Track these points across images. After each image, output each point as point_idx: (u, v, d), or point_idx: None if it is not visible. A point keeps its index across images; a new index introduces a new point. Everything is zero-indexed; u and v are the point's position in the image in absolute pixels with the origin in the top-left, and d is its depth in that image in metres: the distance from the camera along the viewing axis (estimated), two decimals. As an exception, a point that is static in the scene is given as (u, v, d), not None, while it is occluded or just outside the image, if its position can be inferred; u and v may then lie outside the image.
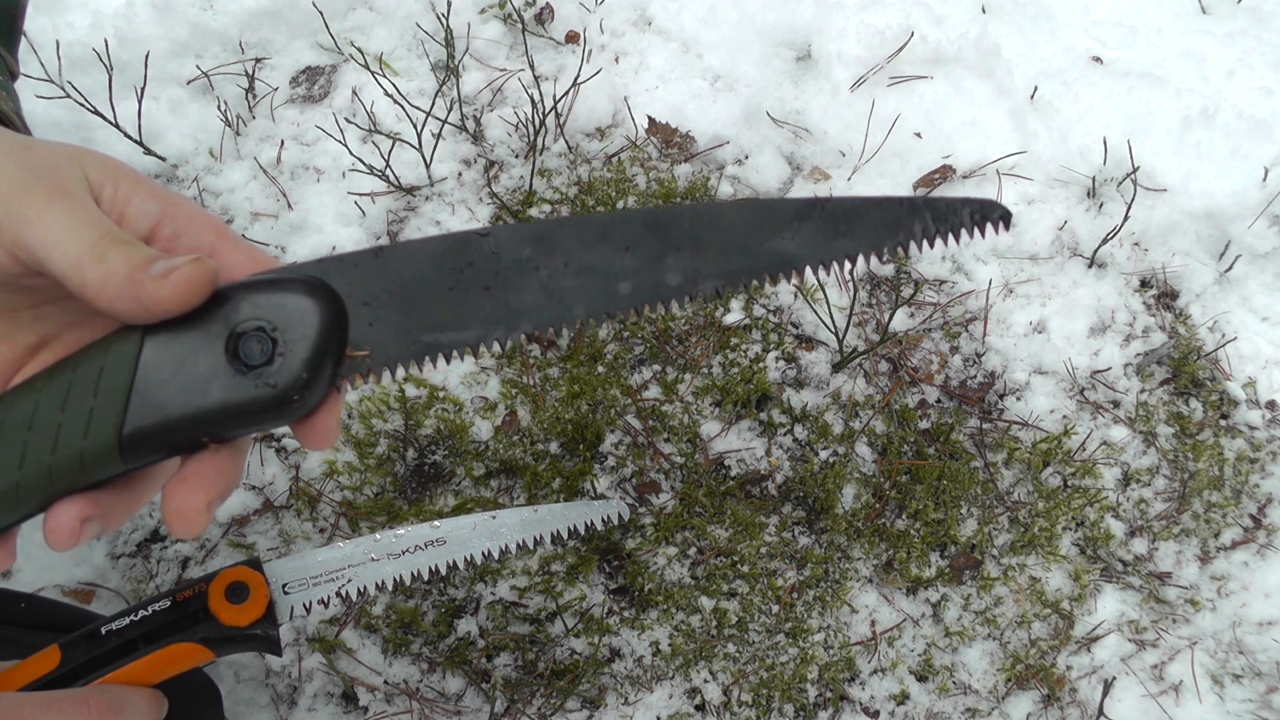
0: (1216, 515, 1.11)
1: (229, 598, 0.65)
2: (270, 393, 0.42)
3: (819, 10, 1.30)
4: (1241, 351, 1.17)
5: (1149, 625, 1.06)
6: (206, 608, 0.64)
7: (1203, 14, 1.35)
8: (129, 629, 0.63)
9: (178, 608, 0.64)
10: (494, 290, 0.46)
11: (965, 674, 1.04)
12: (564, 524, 0.75)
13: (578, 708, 1.00)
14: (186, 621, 0.64)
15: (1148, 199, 1.20)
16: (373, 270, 0.45)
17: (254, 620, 0.65)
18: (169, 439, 0.43)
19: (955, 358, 1.15)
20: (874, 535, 1.07)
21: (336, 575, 0.70)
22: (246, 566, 0.67)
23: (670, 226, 0.47)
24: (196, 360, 0.42)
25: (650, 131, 1.24)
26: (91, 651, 0.61)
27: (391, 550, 0.72)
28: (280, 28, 1.29)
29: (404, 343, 0.46)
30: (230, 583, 0.65)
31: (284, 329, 0.42)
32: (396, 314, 0.45)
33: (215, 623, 0.64)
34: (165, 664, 0.63)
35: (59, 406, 0.43)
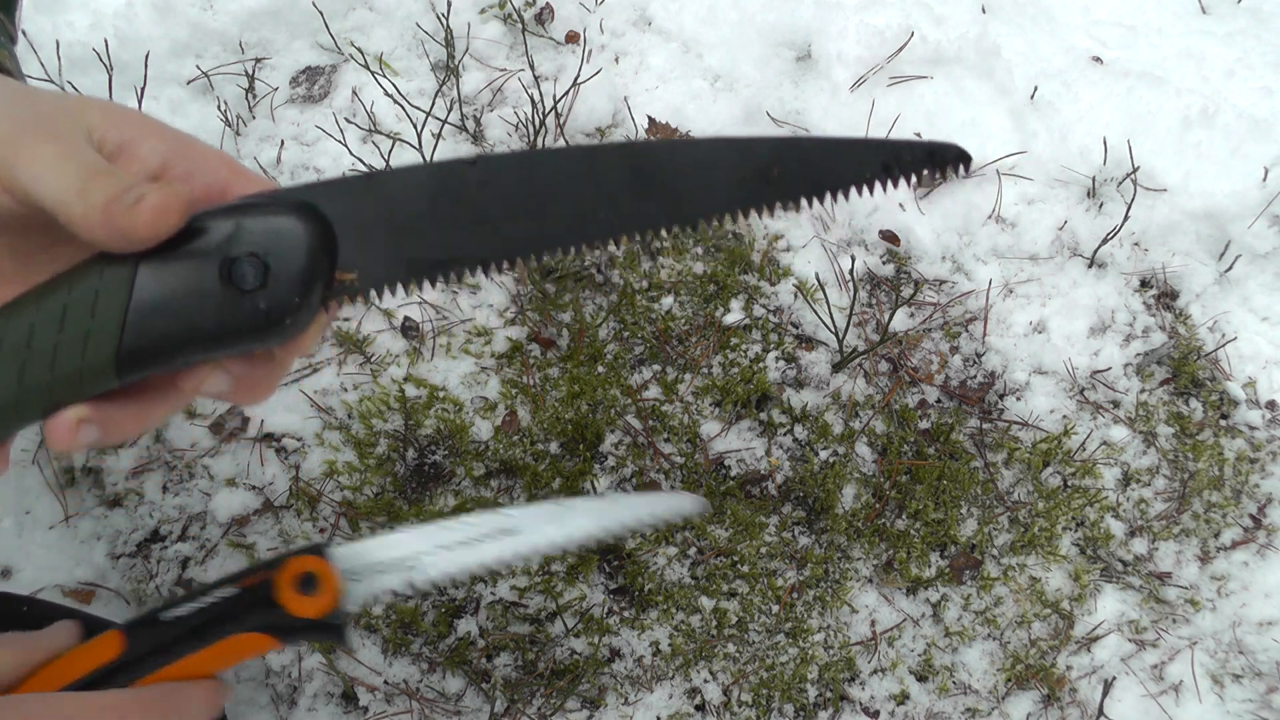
0: (1216, 515, 1.11)
1: (299, 588, 0.61)
2: (262, 315, 0.44)
3: (819, 10, 1.30)
4: (1241, 351, 1.17)
5: (1149, 625, 1.06)
6: (274, 597, 0.61)
7: (1203, 14, 1.35)
8: (193, 616, 0.60)
9: (244, 595, 0.61)
10: (480, 217, 0.47)
11: (965, 674, 1.04)
12: (638, 516, 0.69)
13: (578, 708, 1.00)
14: (253, 610, 0.61)
15: (1148, 199, 1.20)
16: (362, 196, 0.46)
17: (324, 612, 0.61)
18: (163, 358, 0.44)
19: (955, 358, 1.15)
20: (874, 535, 1.07)
21: (404, 564, 0.65)
22: (314, 555, 0.63)
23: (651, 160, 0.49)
24: (190, 284, 0.44)
25: (650, 131, 1.24)
26: (154, 640, 0.59)
27: (461, 539, 0.67)
28: (280, 28, 1.29)
29: (392, 266, 0.47)
30: (300, 572, 0.61)
31: (275, 254, 0.44)
32: (385, 238, 0.46)
33: (283, 613, 0.61)
34: (230, 653, 0.61)
35: (57, 327, 0.44)
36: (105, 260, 0.44)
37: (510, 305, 1.13)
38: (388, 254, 0.47)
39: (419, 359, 1.11)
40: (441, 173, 0.47)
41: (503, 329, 1.12)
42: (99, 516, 1.04)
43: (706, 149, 0.50)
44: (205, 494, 1.05)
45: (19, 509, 1.03)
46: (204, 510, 1.05)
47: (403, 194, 0.47)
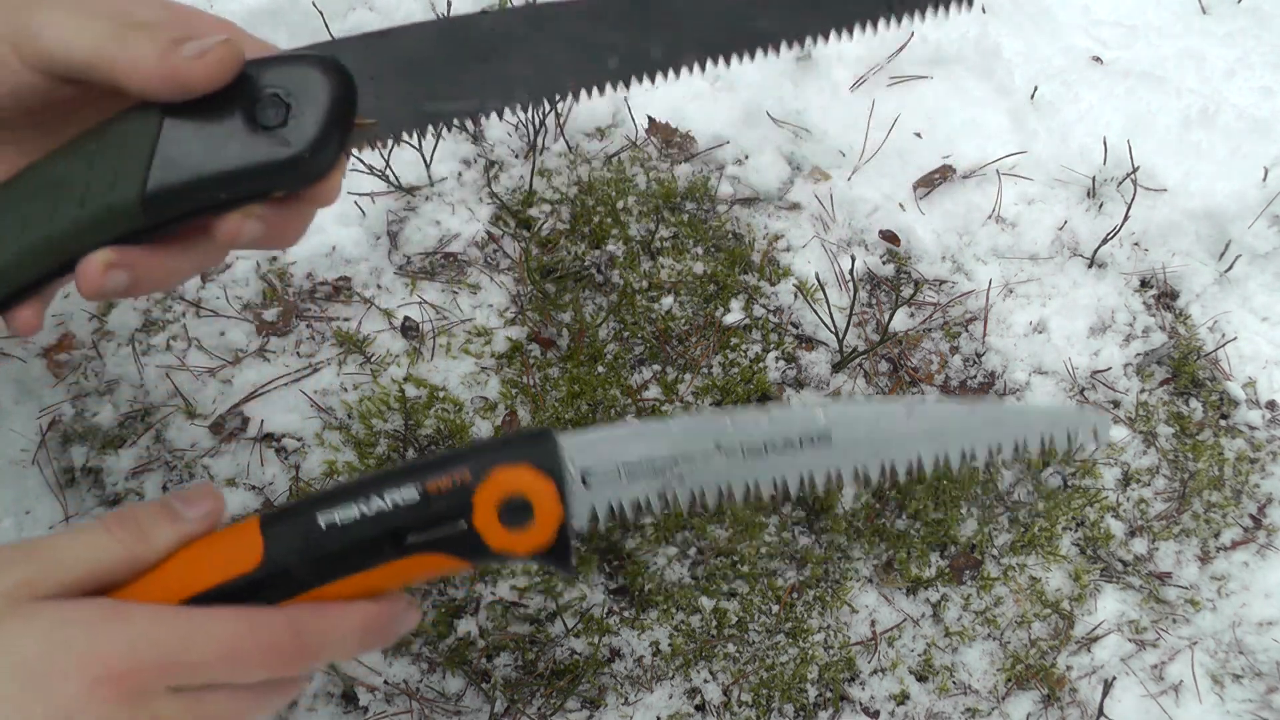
0: (1216, 515, 1.11)
1: (504, 519, 0.48)
2: (286, 151, 0.46)
3: (819, 10, 1.30)
4: (1241, 351, 1.17)
5: (1149, 625, 1.06)
6: (470, 519, 0.49)
7: (1203, 14, 1.35)
8: (360, 527, 0.48)
9: (429, 505, 0.49)
10: (491, 63, 0.49)
11: (965, 674, 1.04)
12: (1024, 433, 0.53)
13: (578, 708, 1.01)
14: (438, 525, 0.49)
15: (1148, 199, 1.20)
16: (378, 48, 0.49)
17: (536, 549, 0.49)
18: (190, 196, 0.46)
19: (955, 358, 1.15)
20: (874, 535, 1.07)
21: (664, 468, 0.50)
22: (532, 465, 0.48)
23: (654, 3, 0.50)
24: (216, 124, 0.45)
25: (650, 131, 1.24)
26: (304, 553, 0.48)
27: (749, 442, 0.51)
28: (280, 28, 1.29)
29: (408, 111, 0.49)
30: (508, 496, 0.48)
31: (297, 95, 0.46)
32: (401, 86, 0.49)
33: (480, 542, 0.49)
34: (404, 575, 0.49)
35: (86, 167, 0.45)
36: (132, 110, 0.46)
37: (510, 305, 1.13)
38: (404, 102, 0.49)
39: (419, 359, 1.11)
40: (453, 24, 0.49)
41: (503, 329, 1.12)
42: (99, 517, 1.04)
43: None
44: (205, 494, 1.05)
45: (19, 509, 1.03)
46: (204, 510, 1.04)
47: (417, 46, 0.49)
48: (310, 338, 1.11)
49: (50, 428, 1.05)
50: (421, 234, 1.16)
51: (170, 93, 0.45)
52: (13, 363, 1.07)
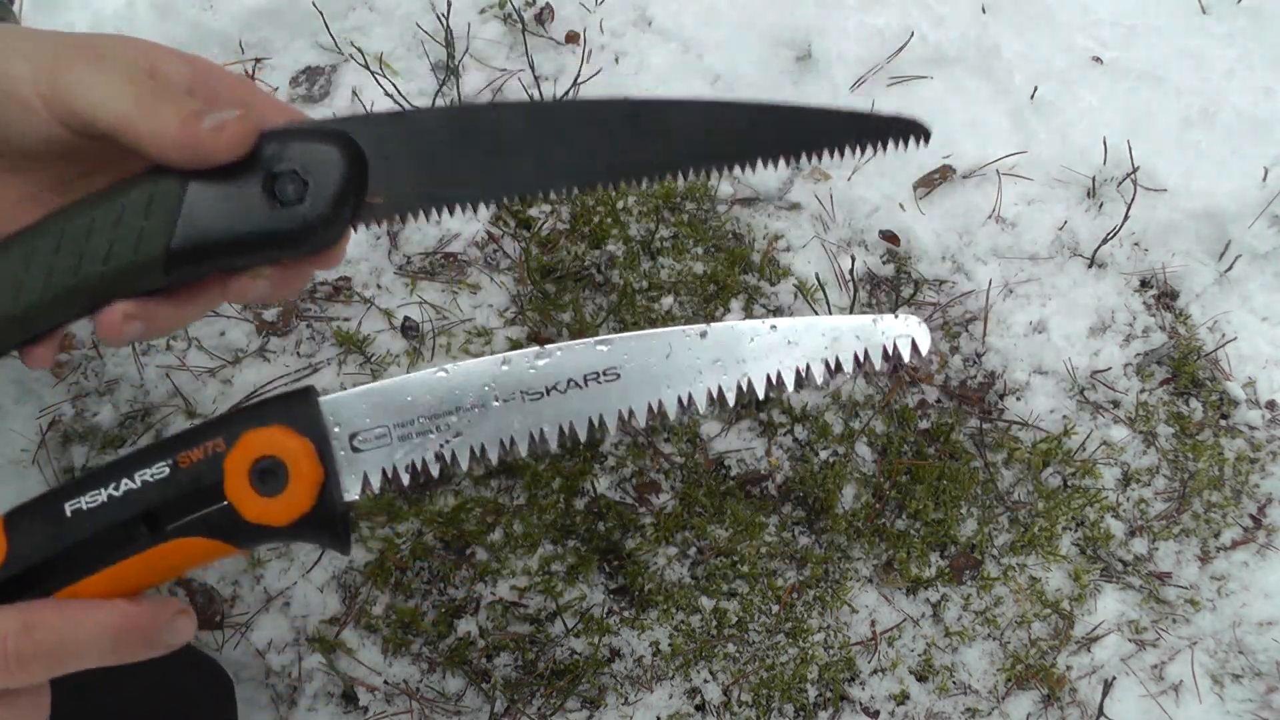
0: (1216, 515, 1.11)
1: (256, 482, 0.44)
2: (300, 226, 0.48)
3: (819, 10, 1.30)
4: (1241, 351, 1.17)
5: (1149, 625, 1.06)
6: (222, 489, 0.44)
7: (1203, 14, 1.35)
8: (107, 510, 0.44)
9: (180, 477, 0.45)
10: (493, 154, 0.52)
11: (965, 674, 1.04)
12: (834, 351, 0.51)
13: (578, 708, 1.01)
14: (193, 502, 0.45)
15: (1148, 199, 1.20)
16: (392, 130, 0.51)
17: (295, 519, 0.45)
18: (209, 259, 0.49)
19: (955, 358, 1.15)
20: (874, 535, 1.07)
21: (437, 423, 0.46)
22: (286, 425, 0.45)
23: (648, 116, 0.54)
24: (237, 195, 0.48)
25: (650, 131, 1.24)
26: (54, 545, 0.44)
27: (528, 386, 0.46)
28: (280, 28, 1.29)
29: (415, 193, 0.52)
30: (259, 458, 0.44)
31: (314, 173, 0.48)
32: (410, 168, 0.51)
33: (235, 515, 0.44)
34: (165, 565, 0.44)
35: (113, 224, 0.48)
36: (159, 170, 0.48)
37: (510, 305, 1.13)
38: (411, 182, 0.51)
39: (419, 359, 1.11)
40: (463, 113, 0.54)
41: (503, 329, 1.12)
42: None
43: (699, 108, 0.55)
44: (205, 494, 1.05)
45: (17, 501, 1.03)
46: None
47: (427, 130, 0.52)
48: (310, 338, 1.11)
49: (50, 428, 1.05)
50: (421, 234, 1.16)
51: (188, 162, 0.47)
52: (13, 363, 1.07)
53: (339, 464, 0.47)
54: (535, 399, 0.47)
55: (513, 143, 0.52)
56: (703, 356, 0.49)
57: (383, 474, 0.47)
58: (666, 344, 0.49)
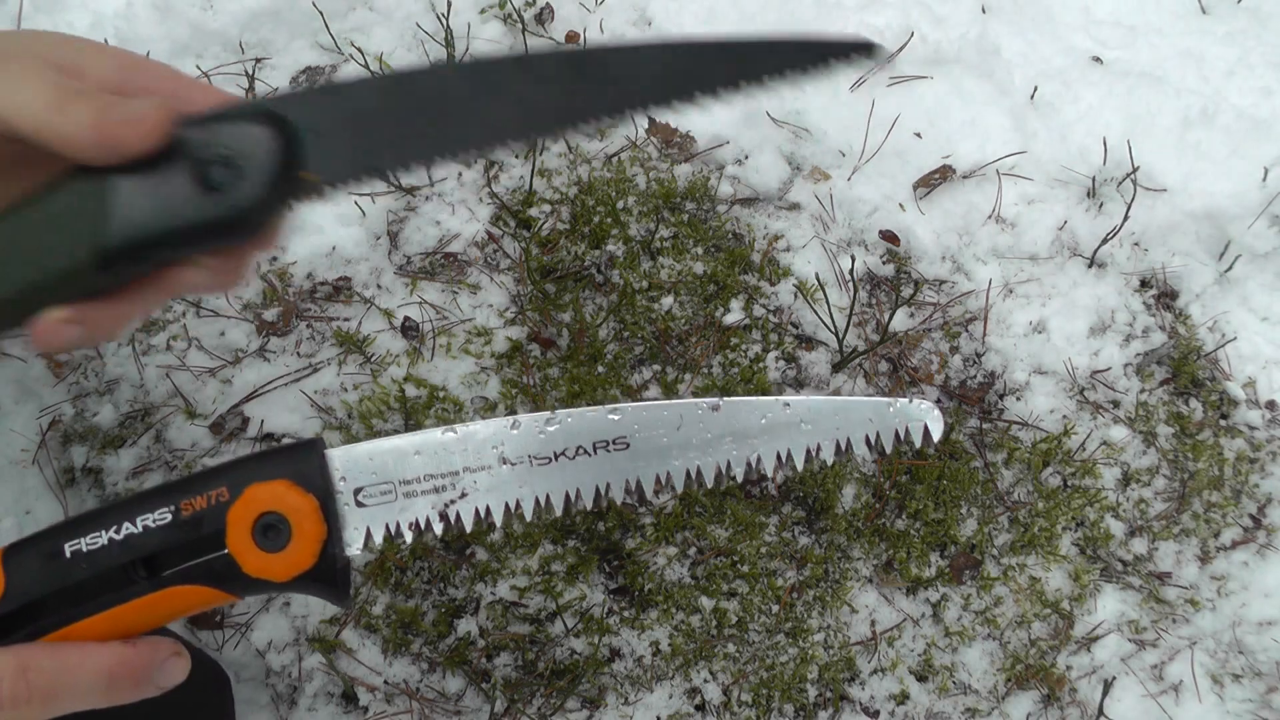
0: (1216, 515, 1.11)
1: (258, 536, 0.44)
2: (233, 212, 0.46)
3: (819, 10, 1.30)
4: (1241, 351, 1.17)
5: (1149, 625, 1.06)
6: (224, 542, 0.44)
7: (1203, 14, 1.35)
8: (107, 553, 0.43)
9: (181, 524, 0.44)
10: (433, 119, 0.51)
11: (965, 674, 1.04)
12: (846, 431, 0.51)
13: (578, 708, 1.01)
14: (193, 551, 0.44)
15: (1148, 199, 1.20)
16: (325, 103, 0.50)
17: (296, 575, 0.44)
18: (143, 256, 0.47)
19: (955, 358, 1.15)
20: (874, 535, 1.07)
21: (444, 483, 0.46)
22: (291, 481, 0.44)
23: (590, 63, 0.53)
24: (165, 187, 0.46)
25: (650, 131, 1.24)
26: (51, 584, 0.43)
27: (536, 451, 0.46)
28: (280, 28, 1.29)
29: (353, 165, 0.50)
30: (262, 513, 0.43)
31: (244, 156, 0.46)
32: (346, 140, 0.49)
33: (235, 567, 0.44)
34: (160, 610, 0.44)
35: (40, 230, 0.46)
36: (83, 170, 0.46)
37: (510, 305, 1.13)
38: (349, 154, 0.50)
39: (419, 359, 1.11)
40: (398, 81, 0.51)
41: (503, 329, 1.12)
42: None
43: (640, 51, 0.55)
44: (205, 494, 1.05)
45: (19, 509, 1.03)
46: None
47: (362, 100, 0.50)
48: (310, 338, 1.11)
49: (50, 428, 1.05)
50: (421, 234, 1.16)
51: (106, 159, 0.46)
52: (13, 363, 1.07)
53: (342, 518, 0.46)
54: (543, 464, 0.46)
55: (452, 105, 0.51)
56: (713, 430, 0.49)
57: (385, 529, 0.46)
58: (678, 416, 0.49)
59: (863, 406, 0.52)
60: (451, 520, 0.46)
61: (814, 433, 0.51)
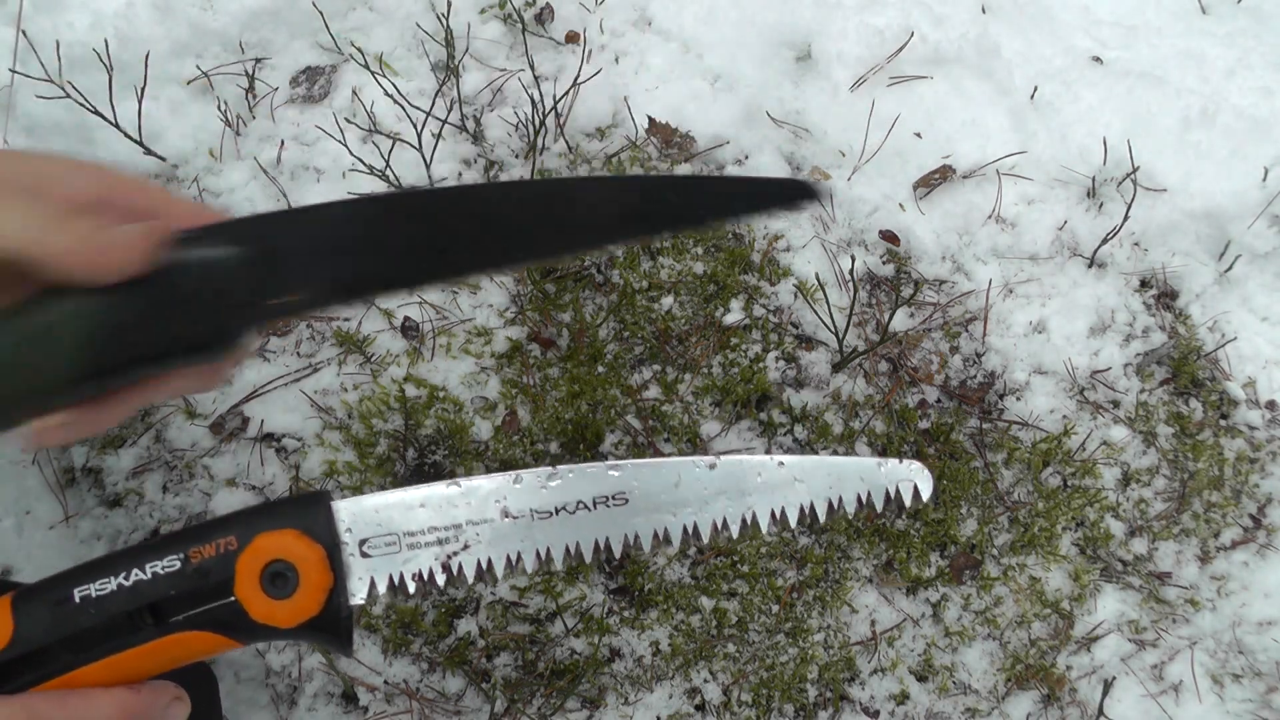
0: (1216, 515, 1.11)
1: (266, 584, 0.45)
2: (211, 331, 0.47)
3: (819, 10, 1.30)
4: (1241, 351, 1.17)
5: (1149, 625, 1.06)
6: (232, 589, 0.45)
7: (1203, 14, 1.35)
8: (116, 599, 0.44)
9: (189, 571, 0.45)
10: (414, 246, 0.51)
11: (965, 674, 1.04)
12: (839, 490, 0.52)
13: (578, 708, 1.01)
14: (201, 598, 0.45)
15: (1148, 199, 1.20)
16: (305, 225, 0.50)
17: (302, 622, 0.45)
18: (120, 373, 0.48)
19: (955, 358, 1.15)
20: (874, 535, 1.07)
21: (447, 535, 0.47)
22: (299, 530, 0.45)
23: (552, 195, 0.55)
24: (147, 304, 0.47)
25: (650, 131, 1.24)
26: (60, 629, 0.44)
27: (538, 505, 0.48)
28: (280, 28, 1.29)
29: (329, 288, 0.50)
30: (270, 561, 0.44)
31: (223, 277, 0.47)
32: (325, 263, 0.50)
33: (242, 614, 0.45)
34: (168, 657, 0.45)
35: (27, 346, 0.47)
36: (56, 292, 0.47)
37: (510, 305, 1.13)
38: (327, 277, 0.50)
39: (419, 359, 1.11)
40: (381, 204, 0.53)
41: (503, 329, 1.12)
42: (99, 516, 1.04)
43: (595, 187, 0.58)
44: (205, 494, 1.05)
45: (19, 509, 1.03)
46: (204, 510, 1.05)
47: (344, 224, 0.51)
48: (310, 338, 1.11)
49: (50, 428, 1.05)
50: (421, 234, 1.16)
51: (101, 279, 0.47)
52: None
53: (347, 567, 0.47)
54: (544, 518, 0.48)
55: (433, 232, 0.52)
56: (710, 487, 0.51)
57: (389, 580, 0.47)
58: (676, 473, 0.50)
59: (854, 466, 0.53)
60: (454, 571, 0.48)
61: (807, 491, 0.52)
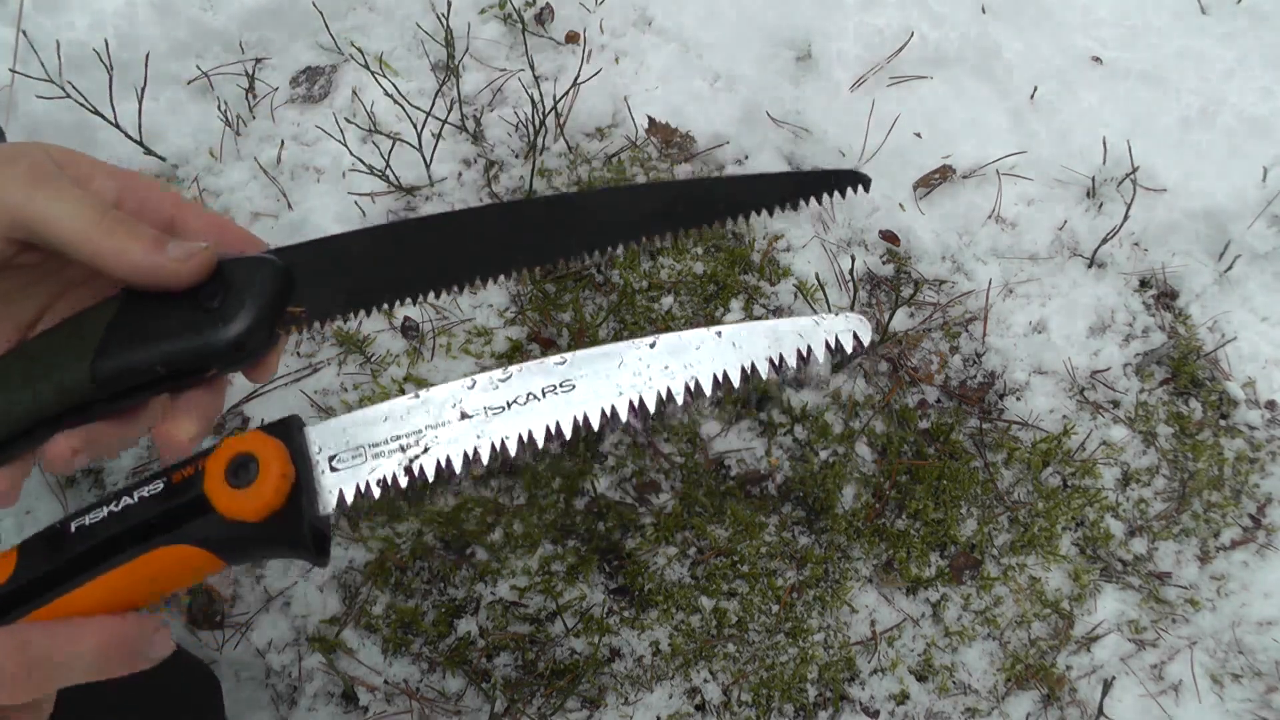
0: (1216, 515, 1.11)
1: (230, 478, 0.46)
2: (224, 340, 0.50)
3: (819, 10, 1.30)
4: (1241, 351, 1.17)
5: (1149, 625, 1.06)
6: (203, 494, 0.46)
7: (1202, 14, 1.35)
8: (105, 525, 0.46)
9: (171, 493, 0.47)
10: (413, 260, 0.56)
11: (965, 674, 1.04)
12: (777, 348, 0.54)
13: (578, 708, 1.01)
14: (180, 514, 0.47)
15: (1147, 199, 1.20)
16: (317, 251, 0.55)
17: (269, 513, 0.47)
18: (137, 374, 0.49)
19: (955, 358, 1.15)
20: (874, 535, 1.07)
21: (408, 441, 0.50)
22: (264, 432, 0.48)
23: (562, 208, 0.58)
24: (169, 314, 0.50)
25: (650, 131, 1.24)
26: (55, 559, 0.46)
27: (491, 403, 0.51)
28: (280, 28, 1.29)
29: (337, 301, 0.54)
30: (234, 455, 0.47)
31: (237, 290, 0.50)
32: (333, 281, 0.54)
33: (214, 515, 0.46)
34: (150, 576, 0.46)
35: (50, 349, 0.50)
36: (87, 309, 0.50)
37: (510, 305, 1.13)
38: (335, 293, 0.54)
39: (419, 359, 1.11)
40: (384, 232, 0.57)
41: (503, 329, 1.12)
42: None
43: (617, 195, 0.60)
44: (205, 494, 1.05)
45: (19, 509, 1.03)
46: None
47: (352, 249, 0.56)
48: (310, 338, 1.11)
49: (50, 428, 1.05)
50: (421, 234, 1.16)
51: (148, 285, 0.49)
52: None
53: (317, 482, 0.50)
54: (498, 413, 0.51)
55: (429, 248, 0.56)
56: (653, 364, 0.53)
57: (356, 489, 0.50)
58: (619, 356, 0.53)
59: (791, 325, 0.55)
60: (415, 474, 0.50)
61: (746, 354, 0.54)
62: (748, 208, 0.58)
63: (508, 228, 0.57)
